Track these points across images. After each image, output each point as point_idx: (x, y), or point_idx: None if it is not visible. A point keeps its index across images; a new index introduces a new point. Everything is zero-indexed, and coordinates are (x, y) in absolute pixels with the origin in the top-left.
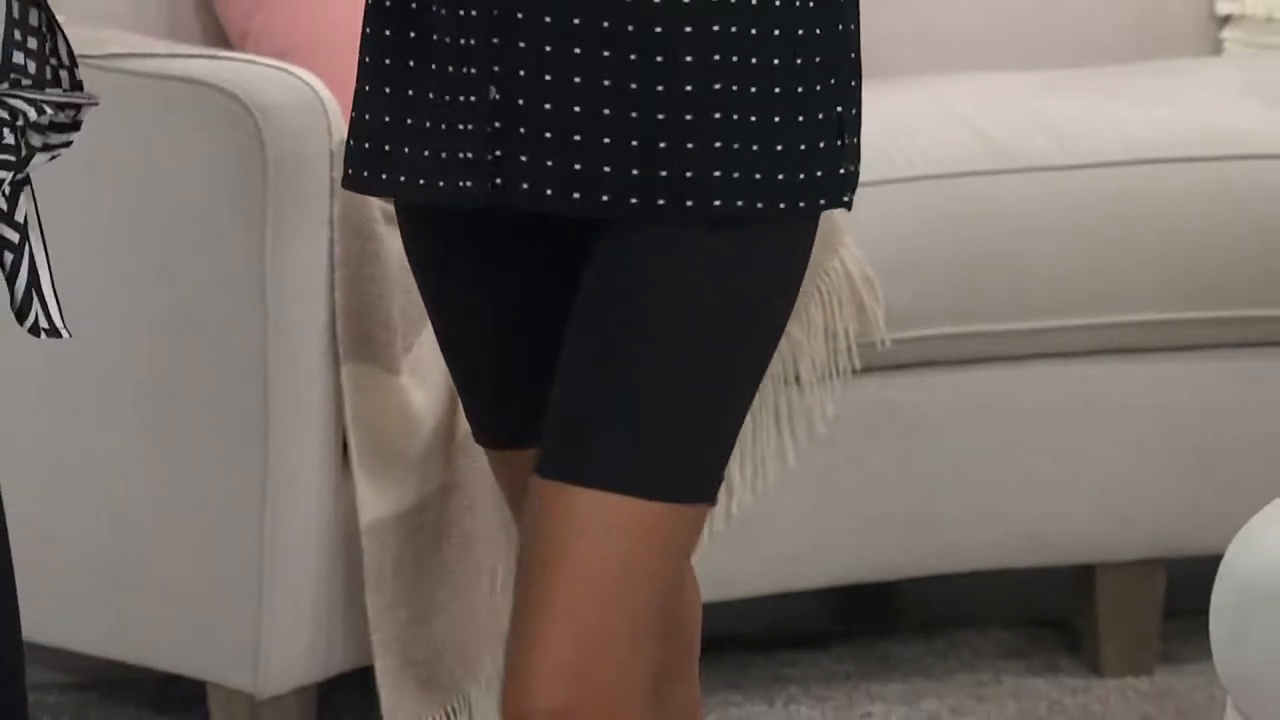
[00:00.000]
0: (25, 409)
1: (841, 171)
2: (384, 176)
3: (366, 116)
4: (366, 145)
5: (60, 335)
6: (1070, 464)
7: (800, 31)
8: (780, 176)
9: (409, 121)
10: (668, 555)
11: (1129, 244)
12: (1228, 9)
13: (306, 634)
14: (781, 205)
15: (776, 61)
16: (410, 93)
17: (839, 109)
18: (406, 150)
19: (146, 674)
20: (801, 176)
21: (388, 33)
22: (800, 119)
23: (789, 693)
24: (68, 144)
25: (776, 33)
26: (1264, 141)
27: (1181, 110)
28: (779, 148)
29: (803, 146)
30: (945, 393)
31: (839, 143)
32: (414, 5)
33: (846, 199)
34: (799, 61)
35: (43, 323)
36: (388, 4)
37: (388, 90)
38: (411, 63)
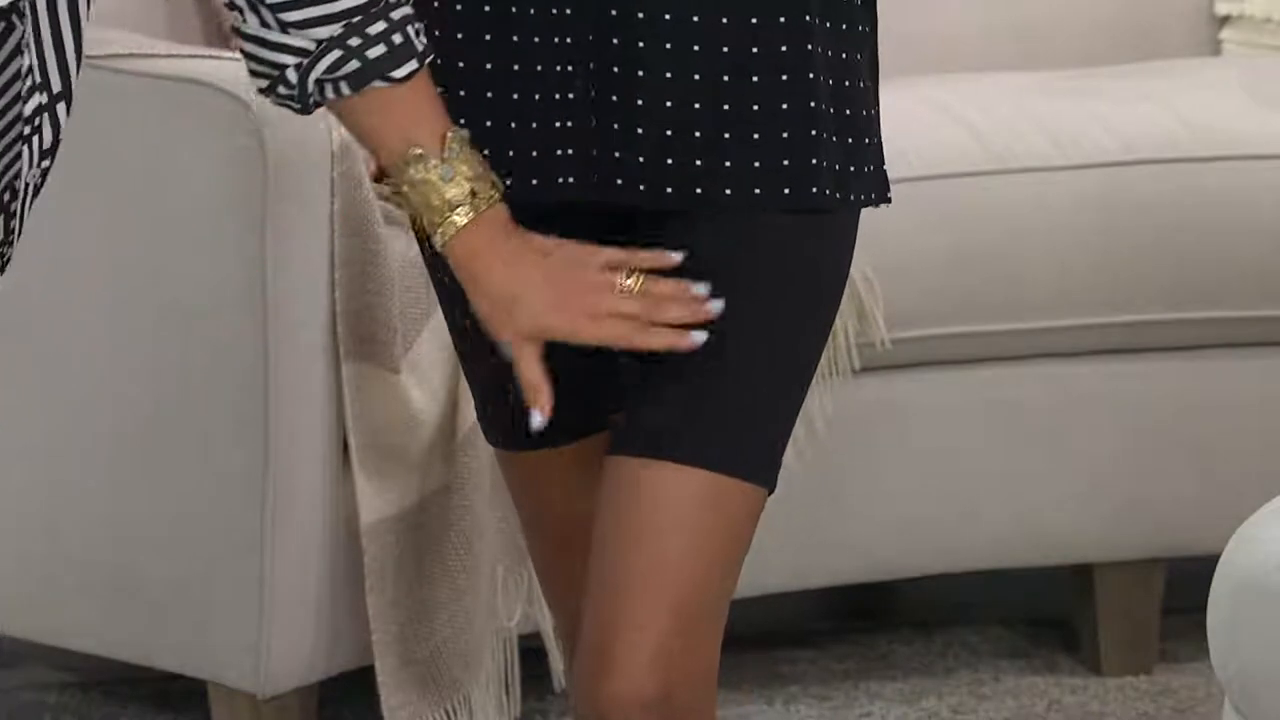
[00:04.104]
0: (26, 409)
1: (885, 167)
2: None
3: None
4: None
5: None
6: (1069, 464)
7: (863, 28)
8: (851, 169)
9: (489, 124)
10: (746, 540)
11: (1127, 244)
12: (1226, 10)
13: (307, 633)
14: (852, 197)
15: (859, 57)
16: (490, 95)
17: (877, 109)
18: (486, 152)
19: (148, 673)
20: (869, 169)
21: (459, 36)
22: (869, 113)
23: (789, 692)
24: None
25: (862, 29)
26: (1262, 142)
27: (1180, 111)
28: (867, 140)
29: (866, 141)
30: (945, 393)
31: (879, 140)
32: (488, 8)
33: (889, 195)
34: (866, 55)
35: None
36: (459, 6)
37: (462, 94)
38: (489, 65)
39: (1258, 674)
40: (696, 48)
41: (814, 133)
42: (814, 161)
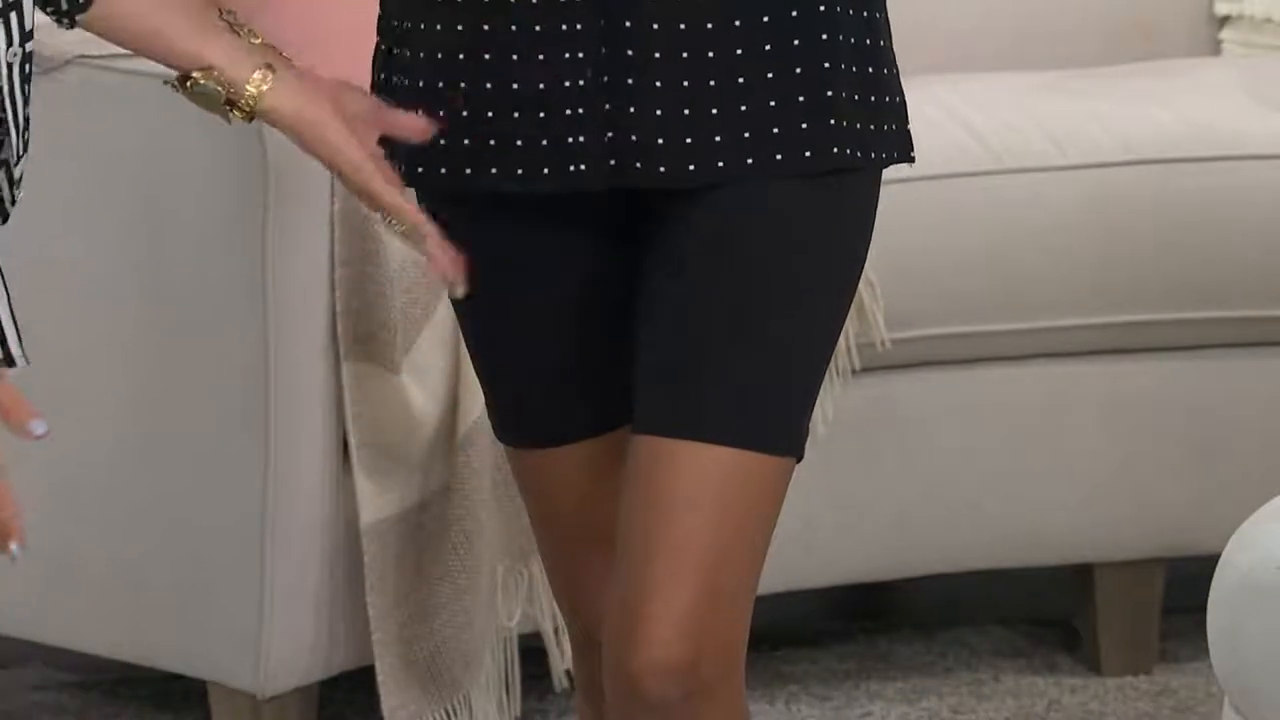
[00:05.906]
0: None
1: (908, 126)
2: (468, 171)
3: (439, 113)
4: (440, 141)
5: (15, 364)
6: (1069, 463)
7: None
8: (872, 127)
9: (490, 114)
10: (774, 510)
11: (1127, 244)
12: (1226, 10)
13: (307, 633)
14: (874, 155)
15: (878, 16)
16: (489, 85)
17: (896, 69)
18: (493, 142)
19: (148, 673)
20: (892, 128)
21: (459, 28)
22: (890, 72)
23: (789, 691)
24: None
25: None
26: (1262, 142)
27: (1180, 111)
28: (889, 98)
29: (888, 98)
30: (945, 393)
31: (903, 98)
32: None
33: (913, 153)
34: (884, 15)
35: None
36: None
37: (463, 85)
38: (488, 55)
39: (1258, 674)
40: (710, 25)
41: (830, 93)
42: (832, 122)
